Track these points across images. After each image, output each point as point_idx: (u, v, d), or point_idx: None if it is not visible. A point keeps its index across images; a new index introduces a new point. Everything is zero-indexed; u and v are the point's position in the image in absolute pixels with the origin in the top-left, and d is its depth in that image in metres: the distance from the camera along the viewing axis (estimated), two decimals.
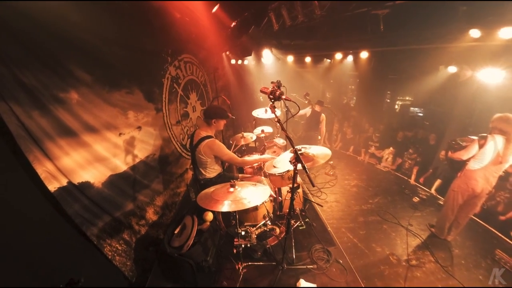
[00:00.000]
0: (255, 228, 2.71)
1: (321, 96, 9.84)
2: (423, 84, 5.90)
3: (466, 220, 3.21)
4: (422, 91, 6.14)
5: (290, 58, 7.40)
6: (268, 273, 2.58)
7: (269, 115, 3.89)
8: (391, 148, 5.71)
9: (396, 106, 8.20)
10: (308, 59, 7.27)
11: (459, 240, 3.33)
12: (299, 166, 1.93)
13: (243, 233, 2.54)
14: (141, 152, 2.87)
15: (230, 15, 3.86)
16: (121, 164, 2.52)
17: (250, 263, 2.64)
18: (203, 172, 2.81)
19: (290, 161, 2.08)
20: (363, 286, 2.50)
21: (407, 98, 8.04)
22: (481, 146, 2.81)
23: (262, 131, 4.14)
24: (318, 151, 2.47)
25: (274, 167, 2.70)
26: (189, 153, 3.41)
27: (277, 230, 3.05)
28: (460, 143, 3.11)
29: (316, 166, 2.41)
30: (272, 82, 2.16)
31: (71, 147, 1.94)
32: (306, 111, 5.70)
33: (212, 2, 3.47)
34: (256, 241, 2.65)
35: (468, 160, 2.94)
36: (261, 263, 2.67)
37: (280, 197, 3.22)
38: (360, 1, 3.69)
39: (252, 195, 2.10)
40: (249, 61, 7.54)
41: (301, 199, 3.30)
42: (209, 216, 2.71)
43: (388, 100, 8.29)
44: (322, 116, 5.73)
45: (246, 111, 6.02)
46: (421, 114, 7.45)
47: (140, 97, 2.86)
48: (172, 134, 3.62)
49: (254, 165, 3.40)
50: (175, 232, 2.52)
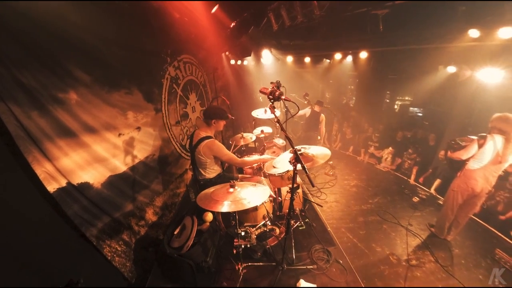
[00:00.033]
0: (255, 229, 2.71)
1: (320, 96, 9.85)
2: (422, 84, 5.91)
3: (465, 219, 3.21)
4: (422, 91, 6.14)
5: (290, 58, 7.41)
6: (268, 273, 2.58)
7: (269, 115, 3.89)
8: (390, 148, 5.72)
9: (396, 106, 8.21)
10: (307, 59, 7.27)
11: (459, 240, 3.34)
12: (299, 166, 1.92)
13: (243, 233, 2.54)
14: (141, 153, 2.87)
15: (230, 16, 3.86)
16: (121, 165, 2.51)
17: (250, 264, 2.63)
18: (202, 172, 2.81)
19: (289, 162, 2.08)
20: (363, 286, 2.50)
21: (406, 98, 8.04)
22: (480, 146, 2.81)
23: (262, 131, 4.14)
24: (318, 151, 2.47)
25: (274, 167, 2.70)
26: (189, 154, 3.41)
27: (277, 230, 3.05)
28: (460, 143, 3.11)
29: (316, 166, 2.41)
30: (271, 83, 2.16)
31: (70, 148, 1.93)
32: (306, 111, 5.70)
33: (211, 2, 3.47)
34: (256, 242, 2.65)
35: (467, 159, 2.94)
36: (261, 263, 2.67)
37: (279, 198, 3.22)
38: (360, 1, 3.70)
39: (252, 195, 2.10)
40: (248, 61, 7.54)
41: (300, 199, 3.30)
42: (209, 217, 2.71)
43: (388, 100, 8.30)
44: (322, 116, 5.73)
45: (246, 111, 6.02)
46: (420, 114, 7.46)
47: (140, 97, 2.85)
48: (171, 135, 3.61)
49: (254, 165, 3.40)
50: (175, 232, 2.51)
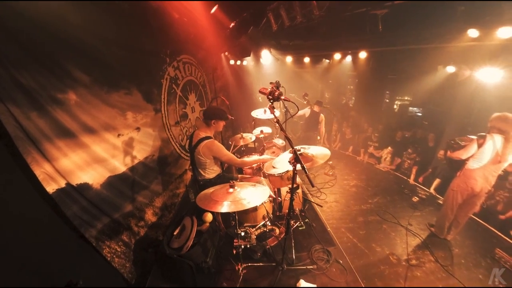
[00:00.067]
0: (254, 229, 2.71)
1: (320, 96, 9.86)
2: (421, 84, 5.92)
3: (465, 219, 3.21)
4: (421, 91, 6.15)
5: (289, 59, 7.42)
6: (268, 273, 2.58)
7: (268, 115, 3.89)
8: (389, 148, 5.72)
9: (395, 106, 8.22)
10: (307, 60, 7.28)
11: (459, 240, 3.34)
12: (298, 166, 1.92)
13: (242, 233, 2.54)
14: (140, 153, 2.86)
15: (229, 16, 3.85)
16: (120, 165, 2.51)
17: (250, 264, 2.63)
18: (202, 173, 2.80)
19: (289, 162, 2.09)
20: (363, 286, 2.50)
21: (406, 98, 8.05)
22: (480, 146, 2.81)
23: (261, 131, 4.14)
24: (317, 151, 2.47)
25: (274, 167, 2.70)
26: (188, 154, 3.40)
27: (277, 230, 3.05)
28: (459, 142, 3.11)
29: (315, 166, 2.41)
30: (271, 83, 2.16)
31: (69, 148, 1.93)
32: (305, 111, 5.70)
33: (210, 2, 3.47)
34: (256, 242, 2.65)
35: (467, 159, 2.95)
36: (261, 263, 2.67)
37: (279, 198, 3.21)
38: (359, 1, 3.70)
39: (252, 195, 2.10)
40: (248, 61, 7.54)
41: (300, 199, 3.30)
42: (209, 217, 2.71)
43: (387, 100, 8.31)
44: (321, 116, 5.74)
45: (245, 111, 6.02)
46: (420, 114, 7.47)
47: (139, 98, 2.85)
48: (171, 135, 3.61)
49: (254, 165, 3.40)
50: (175, 233, 2.51)
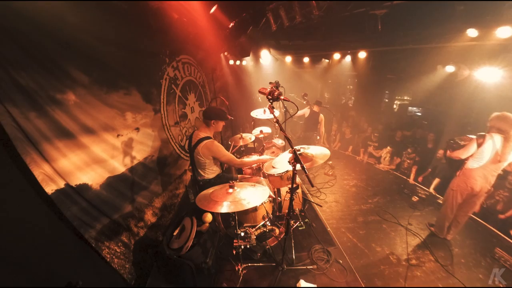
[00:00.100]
0: (254, 229, 2.70)
1: (319, 96, 9.88)
2: (421, 84, 5.93)
3: (465, 219, 3.21)
4: (420, 91, 6.16)
5: (289, 59, 7.43)
6: (268, 274, 2.58)
7: (268, 115, 3.89)
8: (388, 148, 5.73)
9: (395, 106, 8.24)
10: (306, 59, 7.29)
11: (459, 239, 3.34)
12: (298, 166, 1.92)
13: (242, 234, 2.53)
14: (140, 154, 2.85)
15: (228, 16, 3.85)
16: (119, 166, 2.50)
17: (249, 264, 2.63)
18: (202, 173, 2.80)
19: (289, 162, 2.08)
20: (363, 286, 2.50)
21: (405, 97, 8.08)
22: (479, 145, 2.82)
23: (261, 131, 4.14)
24: (317, 151, 2.47)
25: (273, 167, 2.70)
26: (188, 154, 3.39)
27: (277, 230, 3.04)
28: (459, 142, 3.12)
29: (315, 166, 2.41)
30: (270, 83, 2.16)
31: (68, 149, 1.92)
32: (305, 111, 5.70)
33: (210, 2, 3.46)
34: (256, 242, 2.64)
35: (466, 159, 2.95)
36: (260, 264, 2.66)
37: (279, 198, 3.21)
38: (358, 1, 3.70)
39: (251, 196, 2.09)
40: (247, 61, 7.55)
41: (300, 199, 3.30)
42: (208, 218, 2.70)
43: (387, 100, 8.33)
44: (321, 116, 5.73)
45: (245, 111, 6.03)
46: (419, 114, 7.49)
47: (138, 98, 2.84)
48: (170, 135, 3.60)
49: (253, 165, 3.40)
50: (174, 233, 2.50)
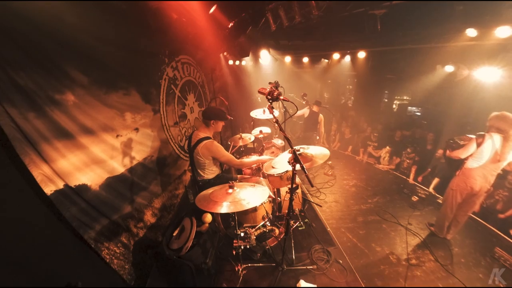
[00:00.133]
0: (254, 229, 2.70)
1: (319, 96, 9.88)
2: (420, 84, 5.94)
3: (465, 218, 3.22)
4: (420, 91, 6.17)
5: (288, 59, 7.42)
6: (268, 274, 2.57)
7: (267, 115, 3.89)
8: (387, 147, 5.73)
9: (394, 106, 8.24)
10: (305, 59, 7.28)
11: (459, 239, 3.34)
12: (298, 166, 1.92)
13: (242, 234, 2.53)
14: (139, 154, 2.85)
15: (228, 16, 3.85)
16: (119, 166, 2.49)
17: (249, 265, 2.63)
18: (201, 173, 2.80)
19: (288, 162, 2.08)
20: (363, 286, 2.50)
21: (404, 97, 8.09)
22: (479, 145, 2.82)
23: (261, 131, 4.13)
24: (317, 151, 2.47)
25: (273, 167, 2.70)
26: (187, 155, 3.39)
27: (277, 231, 3.04)
28: (458, 141, 3.12)
29: (315, 166, 2.41)
30: (270, 83, 2.16)
31: (67, 150, 1.91)
32: (304, 111, 5.70)
33: (209, 2, 3.46)
34: (256, 242, 2.63)
35: (466, 158, 2.95)
36: (260, 264, 2.66)
37: (279, 198, 3.21)
38: (357, 1, 3.70)
39: (251, 196, 2.09)
40: (246, 61, 7.54)
41: (300, 199, 3.29)
42: (208, 218, 2.70)
43: (386, 100, 8.34)
44: (320, 117, 5.74)
45: (244, 112, 6.02)
46: (418, 114, 7.50)
47: (138, 98, 2.84)
48: (170, 136, 3.59)
49: (253, 166, 3.39)
50: (174, 234, 2.50)
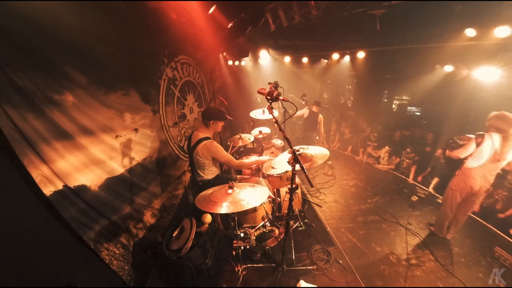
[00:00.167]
0: (254, 230, 2.69)
1: (318, 96, 9.88)
2: (420, 84, 5.94)
3: (464, 218, 3.22)
4: (419, 91, 6.18)
5: (287, 59, 7.43)
6: (267, 274, 2.57)
7: (267, 116, 3.88)
8: (386, 147, 5.73)
9: (393, 106, 8.25)
10: (305, 60, 7.28)
11: (458, 238, 3.34)
12: (297, 166, 1.91)
13: (242, 234, 2.52)
14: (138, 155, 2.84)
15: (227, 16, 3.84)
16: (118, 167, 2.49)
17: (249, 265, 2.63)
18: (201, 173, 2.79)
19: (288, 162, 2.07)
20: (363, 286, 2.50)
21: (404, 97, 8.10)
22: (478, 144, 2.82)
23: (260, 132, 4.13)
24: (316, 151, 2.47)
25: (273, 168, 2.69)
26: (187, 155, 3.38)
27: (276, 231, 3.03)
28: (458, 141, 3.12)
29: (315, 166, 2.41)
30: (269, 83, 2.15)
31: (66, 150, 1.91)
32: (304, 111, 5.70)
33: (209, 2, 3.46)
34: (255, 243, 2.63)
35: (465, 158, 2.95)
36: (260, 264, 2.66)
37: (278, 198, 3.20)
38: (357, 1, 3.71)
39: (251, 196, 2.08)
40: (246, 62, 7.55)
41: (299, 199, 3.29)
42: (208, 218, 2.69)
43: (385, 100, 8.34)
44: (320, 117, 5.73)
45: (244, 112, 6.01)
46: (418, 113, 7.51)
47: (137, 99, 2.83)
48: (169, 136, 3.59)
49: (252, 166, 3.39)
50: (174, 235, 2.50)
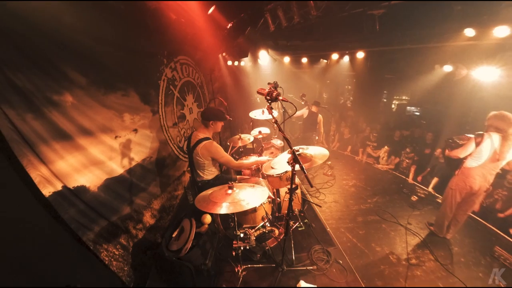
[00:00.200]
0: (254, 230, 2.69)
1: (318, 96, 9.89)
2: (419, 83, 5.95)
3: (464, 217, 3.22)
4: (419, 90, 6.20)
5: (287, 59, 7.43)
6: (267, 275, 2.57)
7: (266, 116, 3.88)
8: (386, 147, 5.74)
9: (393, 106, 8.26)
10: (304, 60, 7.29)
11: (458, 238, 3.34)
12: (297, 167, 1.91)
13: (242, 235, 2.52)
14: (138, 155, 2.84)
15: (227, 16, 3.84)
16: (117, 168, 2.48)
17: (249, 266, 2.62)
18: (200, 174, 2.79)
19: (288, 162, 2.07)
20: (363, 286, 2.49)
21: (403, 97, 8.11)
22: (478, 144, 2.82)
23: (260, 132, 4.13)
24: (316, 151, 2.47)
25: (272, 168, 2.69)
26: (186, 156, 3.38)
27: (276, 231, 3.03)
28: (457, 141, 3.12)
29: (314, 166, 2.41)
30: (269, 83, 2.16)
31: (66, 151, 1.90)
32: (303, 112, 5.70)
33: (208, 3, 3.46)
34: (255, 243, 2.62)
35: (465, 158, 2.95)
36: (260, 265, 2.66)
37: (278, 198, 3.20)
38: (356, 2, 3.71)
39: (251, 196, 2.08)
40: (245, 62, 7.55)
41: (299, 200, 3.29)
42: (207, 219, 2.69)
43: (385, 100, 8.36)
44: (320, 117, 5.74)
45: (243, 112, 6.01)
46: (417, 113, 7.51)
47: (136, 99, 2.83)
48: (169, 137, 3.59)
49: (252, 166, 3.39)
50: (173, 235, 2.49)
